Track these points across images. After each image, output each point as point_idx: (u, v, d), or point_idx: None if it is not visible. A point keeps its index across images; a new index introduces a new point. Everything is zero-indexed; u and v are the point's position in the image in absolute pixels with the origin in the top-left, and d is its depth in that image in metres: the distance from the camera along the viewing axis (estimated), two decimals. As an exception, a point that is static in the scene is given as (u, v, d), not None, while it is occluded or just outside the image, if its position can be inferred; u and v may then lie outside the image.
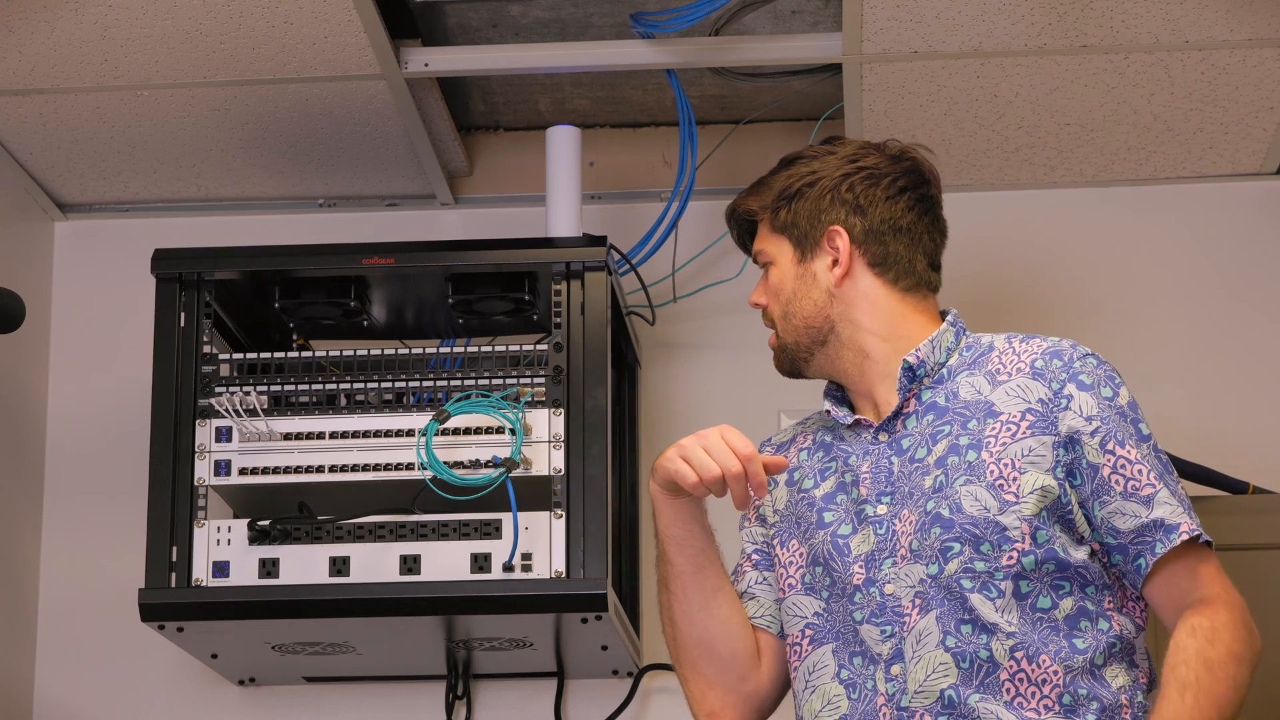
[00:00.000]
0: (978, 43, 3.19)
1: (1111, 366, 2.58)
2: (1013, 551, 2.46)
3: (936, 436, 2.55)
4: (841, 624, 2.55)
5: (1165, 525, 2.47)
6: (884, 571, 2.52)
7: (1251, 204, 3.61)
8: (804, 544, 2.61)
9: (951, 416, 2.56)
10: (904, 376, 2.59)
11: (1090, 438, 2.50)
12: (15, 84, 3.29)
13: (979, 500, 2.48)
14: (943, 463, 2.52)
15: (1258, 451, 3.46)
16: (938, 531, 2.49)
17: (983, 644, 2.45)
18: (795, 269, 2.65)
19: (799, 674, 2.58)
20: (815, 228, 2.65)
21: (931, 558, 2.49)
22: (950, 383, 2.59)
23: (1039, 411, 2.52)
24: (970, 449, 2.52)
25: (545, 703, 3.48)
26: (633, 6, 3.29)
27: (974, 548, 2.47)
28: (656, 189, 3.65)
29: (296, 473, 3.10)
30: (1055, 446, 2.50)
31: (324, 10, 3.10)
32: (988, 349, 2.61)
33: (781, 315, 2.66)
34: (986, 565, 2.47)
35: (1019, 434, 2.51)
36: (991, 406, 2.54)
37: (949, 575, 2.47)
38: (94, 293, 3.71)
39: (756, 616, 2.68)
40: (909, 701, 2.46)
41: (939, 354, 2.61)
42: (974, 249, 3.62)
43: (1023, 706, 2.43)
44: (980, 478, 2.49)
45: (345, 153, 3.55)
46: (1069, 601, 2.48)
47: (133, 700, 3.55)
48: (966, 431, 2.53)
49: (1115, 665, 2.48)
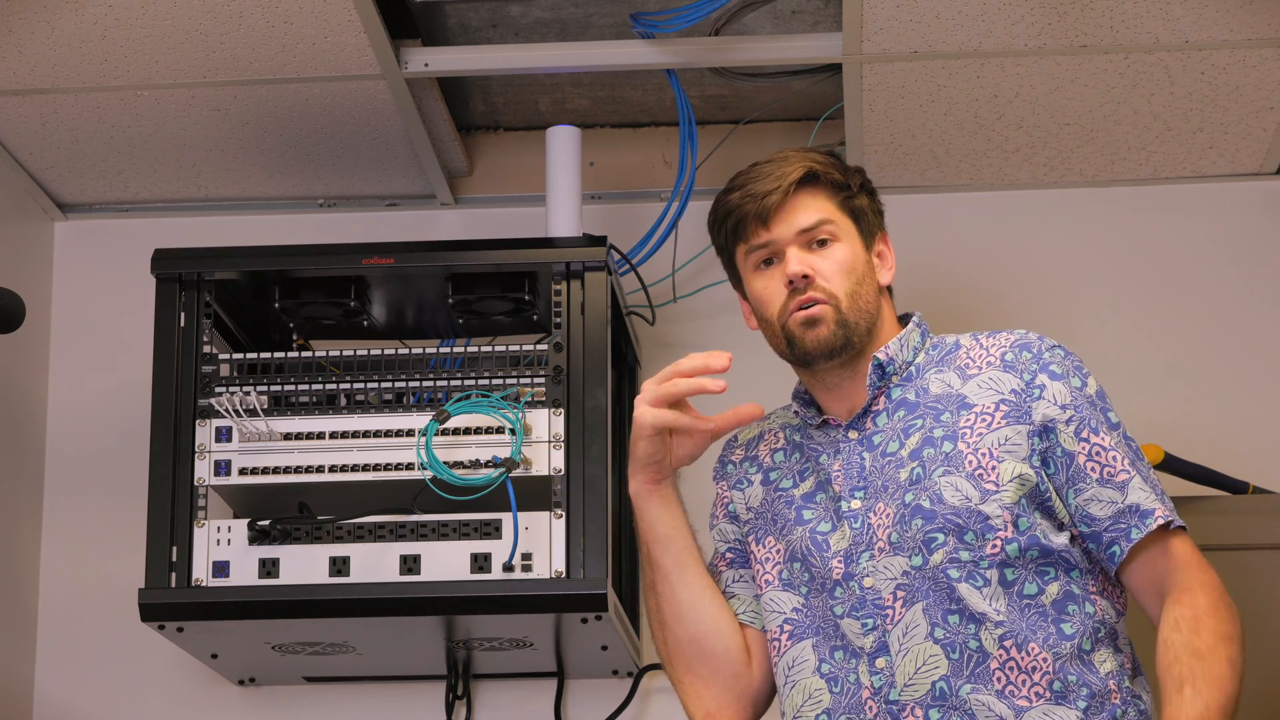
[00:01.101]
0: (978, 43, 3.19)
1: (1078, 357, 2.60)
2: (996, 540, 2.49)
3: (909, 430, 2.57)
4: (821, 619, 2.56)
5: (1140, 510, 2.50)
6: (861, 565, 2.53)
7: (1251, 204, 3.61)
8: (780, 540, 2.62)
9: (923, 410, 2.58)
10: (874, 373, 2.61)
11: (1065, 425, 2.52)
12: (15, 84, 3.29)
13: (960, 490, 2.50)
14: (917, 455, 2.54)
15: (1258, 451, 3.46)
16: (919, 523, 2.50)
17: (971, 634, 2.46)
18: (864, 254, 2.65)
19: (779, 669, 2.60)
20: (875, 227, 2.68)
21: (914, 549, 2.50)
22: (919, 380, 2.62)
23: (1012, 402, 2.54)
24: (946, 440, 2.54)
25: (545, 703, 3.48)
26: (633, 6, 3.29)
27: (958, 537, 2.49)
28: (656, 189, 3.65)
29: (296, 473, 3.10)
30: (1030, 435, 2.52)
31: (324, 10, 3.10)
32: (954, 347, 2.64)
33: (850, 293, 2.61)
34: (971, 555, 2.48)
35: (994, 424, 2.53)
36: (964, 399, 2.56)
37: (934, 566, 2.49)
38: (94, 293, 3.71)
39: (740, 614, 2.69)
40: (899, 695, 2.47)
41: (906, 352, 2.64)
42: (973, 249, 3.62)
43: (1014, 695, 2.45)
44: (959, 468, 2.51)
45: (345, 153, 3.55)
46: (1055, 586, 2.50)
47: (133, 700, 3.55)
48: (940, 424, 2.55)
49: (1103, 650, 2.50)
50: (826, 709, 2.53)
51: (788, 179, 2.61)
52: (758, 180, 2.63)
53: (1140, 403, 3.49)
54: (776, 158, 2.67)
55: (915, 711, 2.46)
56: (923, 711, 2.46)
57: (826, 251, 2.61)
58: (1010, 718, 2.44)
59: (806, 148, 2.72)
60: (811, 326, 2.59)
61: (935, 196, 3.63)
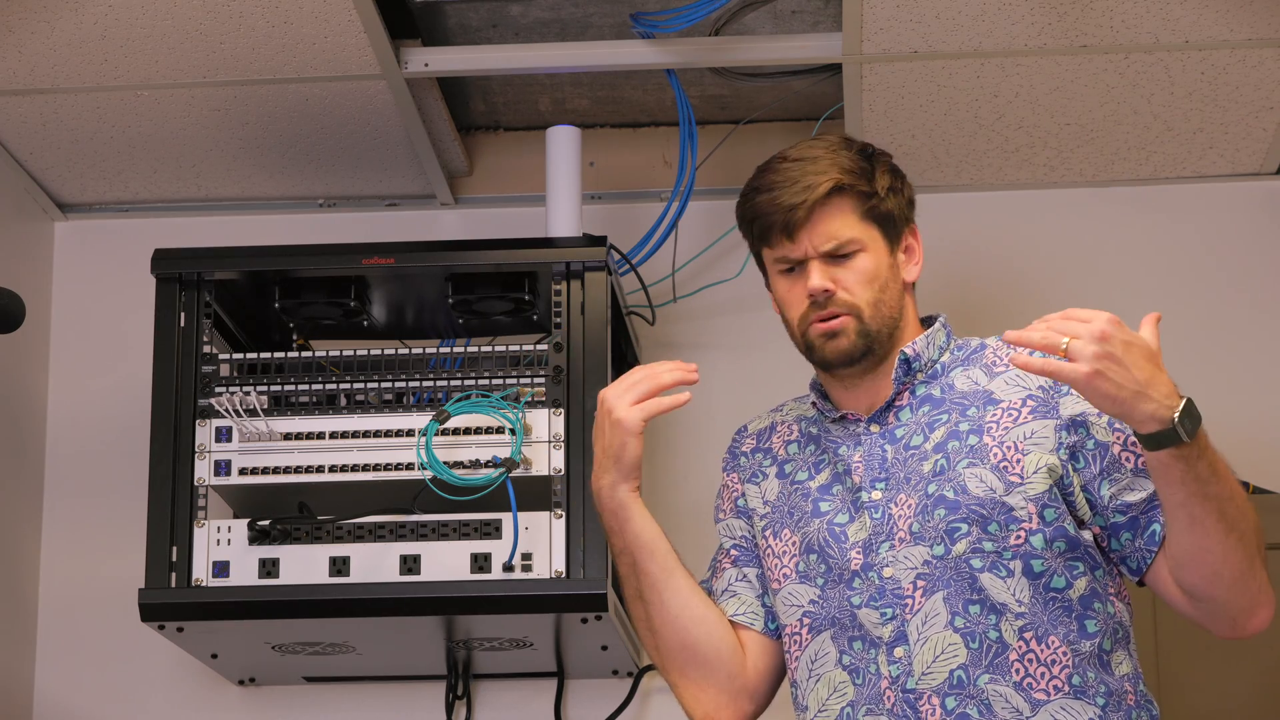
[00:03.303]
0: (978, 43, 3.19)
1: None
2: (1020, 531, 2.49)
3: (934, 424, 2.58)
4: (838, 609, 2.56)
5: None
6: (881, 555, 2.53)
7: (1251, 204, 3.61)
8: (796, 532, 2.62)
9: (949, 406, 2.59)
10: (900, 368, 2.62)
11: (1098, 418, 2.52)
12: (15, 84, 3.29)
13: (984, 482, 2.51)
14: (942, 448, 2.55)
15: (1258, 451, 3.46)
16: (942, 513, 2.51)
17: (991, 624, 2.46)
18: (888, 259, 2.64)
19: (801, 663, 2.59)
20: (903, 223, 2.67)
21: (936, 539, 2.51)
22: (944, 377, 2.63)
23: (1039, 397, 2.55)
24: (971, 434, 2.55)
25: (545, 703, 3.48)
26: (633, 6, 3.29)
27: (981, 528, 2.49)
28: (656, 189, 3.65)
29: (296, 473, 3.10)
30: (1058, 429, 2.53)
31: (324, 10, 3.10)
32: (980, 347, 2.66)
33: (872, 302, 2.60)
34: (995, 545, 2.49)
35: (1020, 418, 2.54)
36: (991, 395, 2.58)
37: (957, 555, 2.49)
38: (94, 293, 3.71)
39: (738, 614, 2.69)
40: (915, 684, 2.47)
41: (933, 350, 2.65)
42: (973, 249, 3.62)
43: (1032, 688, 2.45)
44: (983, 460, 2.52)
45: (345, 153, 3.55)
46: (1083, 582, 2.50)
47: (133, 700, 3.55)
48: (966, 418, 2.56)
49: (1120, 651, 2.51)
50: (850, 701, 2.53)
51: (814, 193, 2.59)
52: (784, 187, 2.61)
53: (1140, 403, 3.50)
54: (805, 156, 2.63)
55: (931, 700, 2.46)
56: (939, 700, 2.46)
57: (850, 263, 2.61)
58: (1026, 710, 2.44)
59: (836, 141, 2.67)
60: (832, 338, 2.60)
61: (935, 196, 3.63)
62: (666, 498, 3.49)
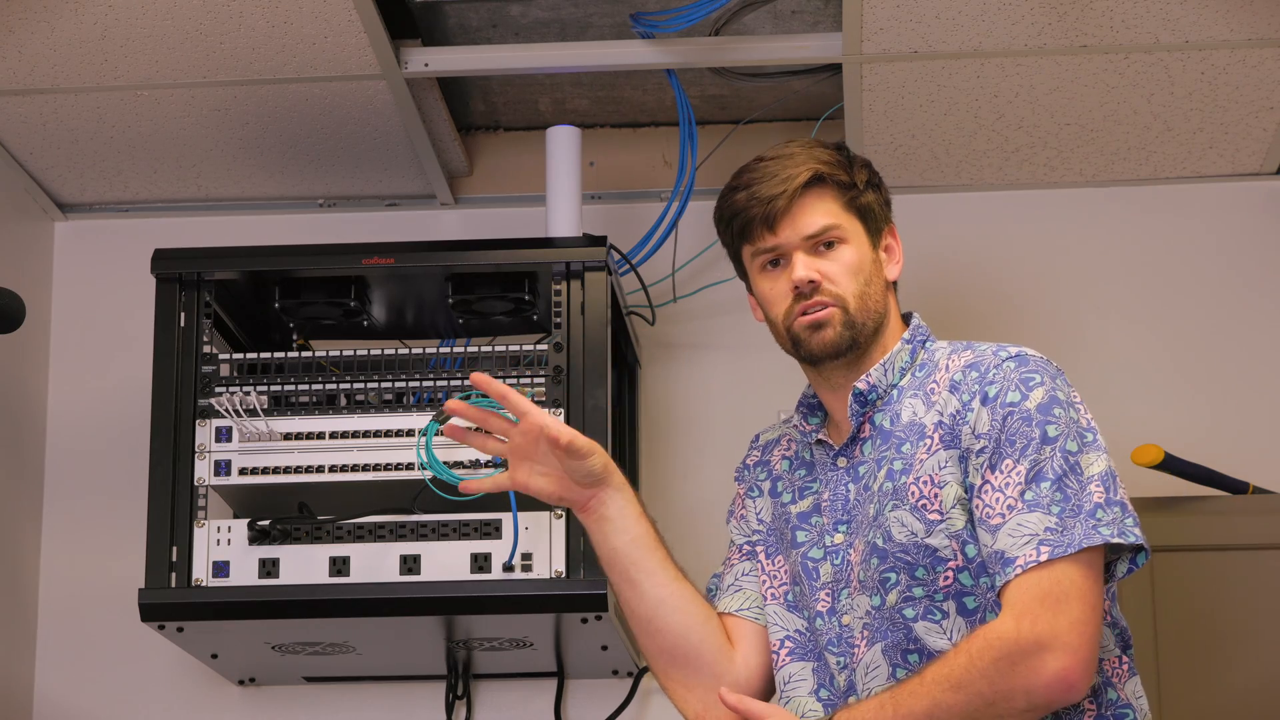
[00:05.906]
0: (978, 43, 3.19)
1: (1039, 366, 2.47)
2: (947, 571, 2.42)
3: (881, 463, 2.51)
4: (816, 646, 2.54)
5: (1004, 558, 2.37)
6: (842, 601, 2.50)
7: (1251, 204, 3.62)
8: (787, 560, 2.60)
9: (893, 441, 2.52)
10: (854, 403, 2.55)
11: (976, 457, 2.43)
12: (15, 84, 3.29)
13: (905, 525, 2.45)
14: (883, 489, 2.49)
15: (1258, 451, 3.46)
16: (875, 562, 2.46)
17: None
18: (871, 254, 2.59)
19: (777, 679, 2.58)
20: (883, 222, 2.62)
21: (874, 589, 2.46)
22: (897, 404, 2.54)
23: (947, 425, 2.47)
24: (902, 473, 2.48)
25: (545, 703, 3.48)
26: (633, 6, 3.29)
27: (909, 574, 2.43)
28: (656, 189, 3.65)
29: (296, 473, 3.10)
30: (960, 460, 2.45)
31: (324, 10, 3.10)
32: (934, 366, 2.56)
33: (858, 294, 2.54)
34: (924, 590, 2.43)
35: (933, 447, 2.47)
36: (923, 429, 2.50)
37: (890, 606, 2.44)
38: (94, 293, 3.71)
39: (742, 608, 2.65)
40: None
41: (893, 375, 2.57)
42: (973, 249, 3.62)
43: None
44: (903, 501, 2.46)
45: (345, 153, 3.55)
46: None
47: (133, 700, 3.55)
48: (900, 456, 2.49)
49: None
50: None
51: (793, 183, 2.55)
52: (763, 181, 2.57)
53: (1140, 402, 3.50)
54: (782, 154, 2.60)
55: None
56: None
57: (834, 254, 2.56)
58: None
59: (811, 141, 2.64)
60: (818, 330, 2.54)
61: (935, 196, 3.63)
62: (666, 498, 3.49)
